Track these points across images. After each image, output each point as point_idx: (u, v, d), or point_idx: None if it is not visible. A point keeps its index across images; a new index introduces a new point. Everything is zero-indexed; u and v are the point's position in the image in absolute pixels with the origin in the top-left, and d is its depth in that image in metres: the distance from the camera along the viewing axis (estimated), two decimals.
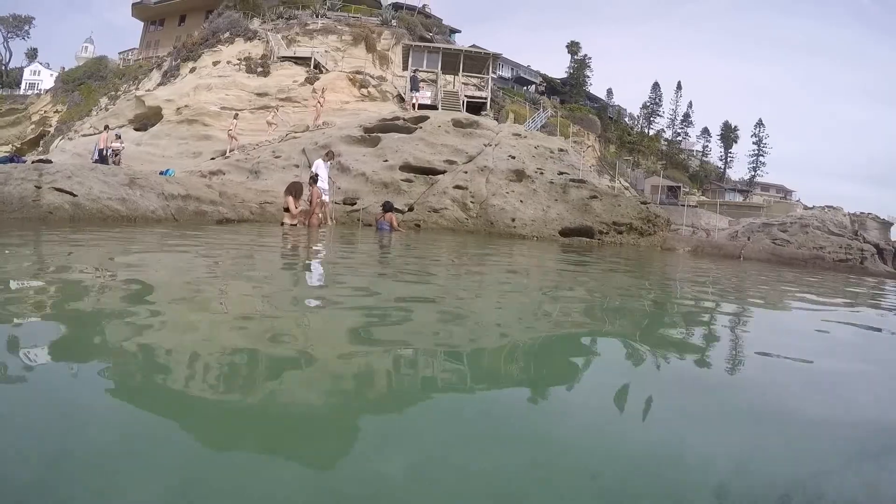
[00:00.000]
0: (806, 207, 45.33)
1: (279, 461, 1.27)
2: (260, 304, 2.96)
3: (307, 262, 5.78)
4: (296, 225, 10.86)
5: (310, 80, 27.88)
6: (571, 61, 68.11)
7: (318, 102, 21.77)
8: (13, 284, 3.05)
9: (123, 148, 20.92)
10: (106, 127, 21.92)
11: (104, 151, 19.37)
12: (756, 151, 78.58)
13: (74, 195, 9.77)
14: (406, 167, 14.30)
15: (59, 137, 36.83)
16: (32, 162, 15.00)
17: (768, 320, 4.16)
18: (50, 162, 14.15)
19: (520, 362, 2.28)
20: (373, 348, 2.25)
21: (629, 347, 2.62)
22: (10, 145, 43.48)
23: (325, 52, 31.99)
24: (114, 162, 18.40)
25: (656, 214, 14.83)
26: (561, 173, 15.09)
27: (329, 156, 12.59)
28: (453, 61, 28.21)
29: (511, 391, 1.90)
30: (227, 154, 18.89)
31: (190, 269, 4.29)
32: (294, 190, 10.93)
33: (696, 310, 4.16)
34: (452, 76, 28.94)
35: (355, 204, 13.43)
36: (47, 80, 63.50)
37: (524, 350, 2.46)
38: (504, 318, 3.14)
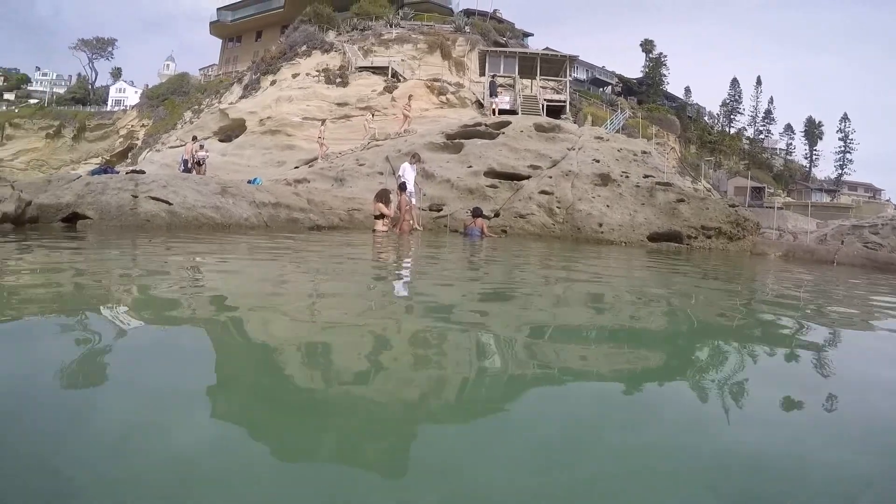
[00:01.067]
0: None
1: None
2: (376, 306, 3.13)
3: (408, 268, 5.97)
4: (387, 231, 11.15)
5: (388, 89, 28.53)
6: (646, 60, 66.48)
7: (405, 110, 22.20)
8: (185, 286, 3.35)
9: (208, 156, 21.86)
10: (194, 138, 23.04)
11: (189, 162, 20.39)
12: (842, 148, 74.57)
13: (170, 203, 10.25)
14: (490, 173, 14.38)
15: (147, 150, 39.05)
16: (126, 173, 15.88)
17: None
18: (143, 172, 14.85)
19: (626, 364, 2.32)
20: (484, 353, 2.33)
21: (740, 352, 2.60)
22: (101, 157, 46.56)
23: (402, 60, 32.63)
24: (198, 171, 19.28)
25: (745, 218, 14.28)
26: (646, 176, 14.80)
27: (415, 158, 12.74)
28: (530, 65, 28.20)
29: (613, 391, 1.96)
30: (319, 158, 19.50)
31: (320, 271, 4.55)
32: (383, 197, 11.21)
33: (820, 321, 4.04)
34: (530, 80, 28.91)
35: (441, 210, 13.62)
36: (132, 96, 67.79)
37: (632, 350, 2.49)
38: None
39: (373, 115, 24.20)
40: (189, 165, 20.14)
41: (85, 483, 1.19)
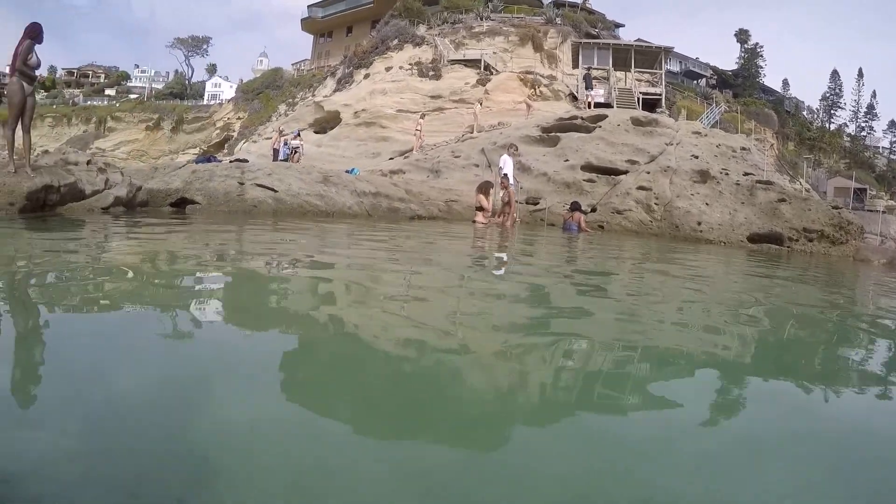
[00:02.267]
0: None
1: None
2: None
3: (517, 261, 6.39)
4: (487, 223, 11.53)
5: (481, 82, 28.87)
6: (741, 51, 63.48)
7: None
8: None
9: (303, 144, 22.77)
10: (280, 131, 24.18)
11: (279, 152, 21.47)
12: None
13: (276, 191, 10.96)
14: (587, 167, 14.56)
15: (243, 141, 40.63)
16: (230, 161, 16.60)
17: None
18: (247, 161, 15.58)
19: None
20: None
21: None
22: (198, 148, 49.16)
23: (494, 53, 32.87)
24: (293, 160, 20.08)
25: (849, 221, 13.82)
26: (746, 174, 14.55)
27: (513, 148, 12.56)
28: (624, 57, 27.90)
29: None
30: (415, 150, 20.13)
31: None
32: (485, 189, 11.59)
33: None
34: (624, 73, 28.59)
35: (538, 203, 13.93)
36: (227, 91, 70.77)
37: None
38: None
39: (481, 104, 24.52)
40: (281, 156, 21.23)
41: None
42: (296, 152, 21.56)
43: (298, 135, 23.40)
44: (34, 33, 7.07)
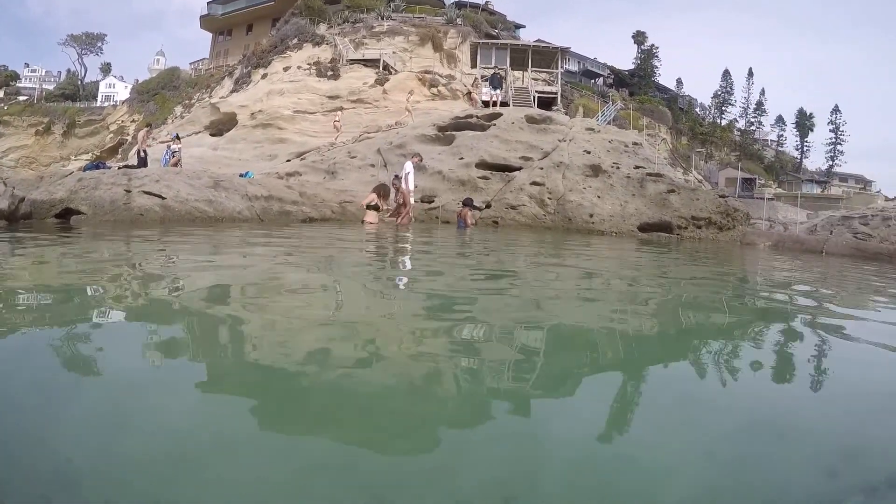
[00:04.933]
0: (887, 199, 42.74)
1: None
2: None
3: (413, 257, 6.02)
4: (375, 224, 11.20)
5: (380, 82, 28.46)
6: (638, 52, 66.52)
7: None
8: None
9: (180, 148, 20.25)
10: (148, 125, 22.49)
11: (141, 153, 19.24)
12: (833, 140, 74.87)
13: (163, 198, 10.37)
14: (482, 164, 14.41)
15: (137, 145, 38.73)
16: (118, 168, 15.79)
17: None
18: (136, 167, 14.83)
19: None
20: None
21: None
22: (91, 153, 46.22)
23: (393, 53, 32.55)
24: (172, 164, 18.42)
25: (735, 208, 14.40)
26: (637, 167, 14.86)
27: (417, 158, 13.00)
28: (521, 57, 28.16)
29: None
30: (337, 142, 19.55)
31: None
32: (382, 191, 11.33)
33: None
34: (521, 72, 28.88)
35: (433, 202, 13.66)
36: (122, 92, 67.25)
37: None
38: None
39: (411, 95, 24.19)
40: (141, 157, 18.96)
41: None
42: (174, 156, 19.95)
43: (177, 137, 21.86)
44: None
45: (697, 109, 71.26)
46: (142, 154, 18.76)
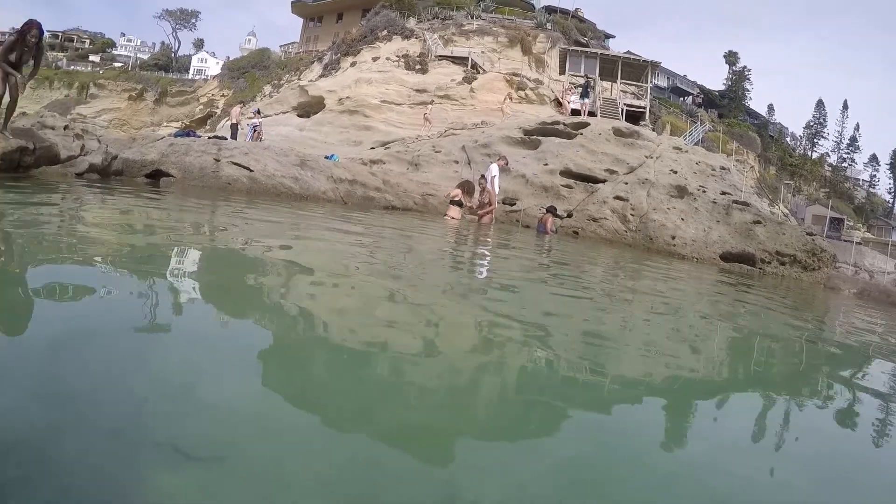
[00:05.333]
0: None
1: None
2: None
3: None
4: (458, 220, 11.32)
5: (467, 80, 28.62)
6: (729, 73, 64.38)
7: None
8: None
9: (261, 122, 21.94)
10: (241, 102, 23.45)
11: (239, 126, 20.47)
12: None
13: (251, 170, 10.87)
14: (566, 172, 14.36)
15: (226, 118, 40.30)
16: (209, 138, 16.54)
17: None
18: (225, 139, 15.46)
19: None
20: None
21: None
22: (181, 122, 48.24)
23: (482, 52, 32.63)
24: (255, 138, 19.62)
25: (822, 248, 13.80)
26: (723, 193, 14.46)
27: (503, 161, 13.08)
28: (611, 67, 27.75)
29: None
30: (425, 135, 20.06)
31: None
32: (467, 187, 11.47)
33: None
34: (610, 83, 28.48)
35: (514, 205, 13.73)
36: (213, 67, 70.04)
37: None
38: None
39: (509, 100, 24.33)
40: (235, 131, 20.20)
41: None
42: (255, 130, 20.90)
43: (258, 112, 22.72)
44: (22, 31, 7.08)
45: (788, 139, 68.35)
46: (240, 127, 19.83)
